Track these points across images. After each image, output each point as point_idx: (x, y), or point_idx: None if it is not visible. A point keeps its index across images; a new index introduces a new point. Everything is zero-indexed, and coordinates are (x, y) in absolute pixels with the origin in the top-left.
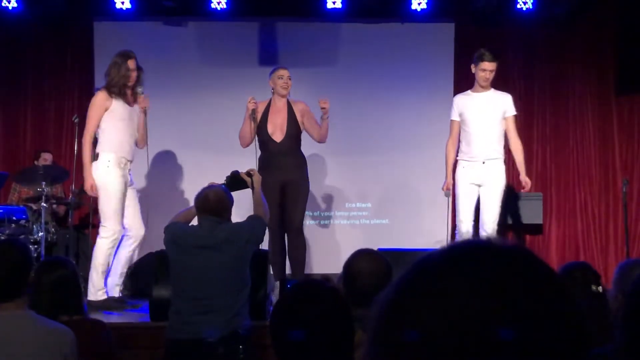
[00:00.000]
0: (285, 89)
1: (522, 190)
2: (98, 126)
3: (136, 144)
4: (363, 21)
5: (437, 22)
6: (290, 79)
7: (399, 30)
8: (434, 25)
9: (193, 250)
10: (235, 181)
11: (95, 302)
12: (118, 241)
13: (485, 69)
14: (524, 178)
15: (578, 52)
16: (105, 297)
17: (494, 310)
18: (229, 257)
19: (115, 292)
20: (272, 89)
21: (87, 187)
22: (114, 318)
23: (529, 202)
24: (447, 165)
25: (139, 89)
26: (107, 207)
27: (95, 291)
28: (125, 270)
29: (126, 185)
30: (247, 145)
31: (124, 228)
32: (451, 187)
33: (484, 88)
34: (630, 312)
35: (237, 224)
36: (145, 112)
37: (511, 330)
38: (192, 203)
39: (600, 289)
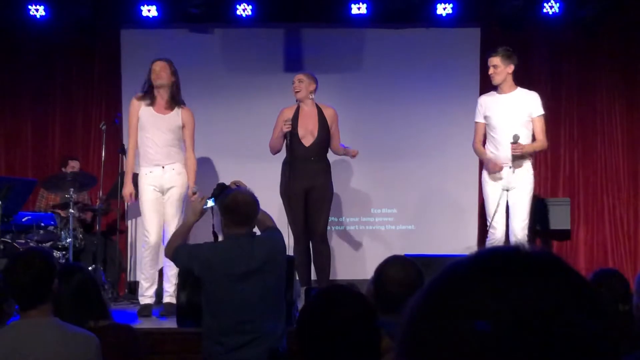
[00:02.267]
0: (296, 92)
1: (512, 147)
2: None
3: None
4: (388, 27)
5: (463, 27)
6: (302, 82)
7: (424, 36)
8: (460, 30)
9: (236, 277)
10: (224, 193)
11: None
12: (154, 249)
13: (489, 65)
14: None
15: (605, 55)
16: (144, 303)
17: (523, 318)
18: (273, 277)
19: (152, 300)
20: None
21: (124, 193)
22: (144, 323)
23: (557, 207)
24: (482, 154)
25: (194, 188)
26: (142, 216)
27: (139, 296)
28: (169, 273)
29: (158, 193)
30: (277, 153)
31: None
32: (496, 163)
33: (503, 88)
34: None
35: (268, 239)
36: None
37: (541, 339)
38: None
39: (627, 307)
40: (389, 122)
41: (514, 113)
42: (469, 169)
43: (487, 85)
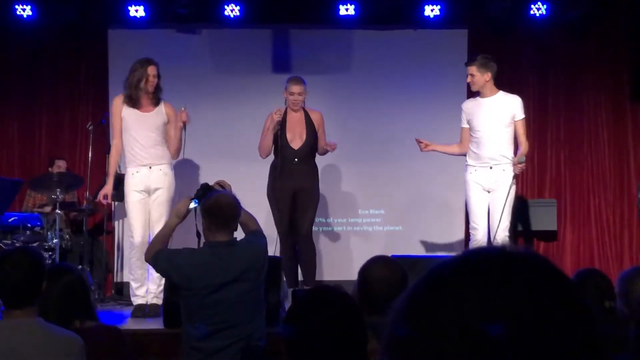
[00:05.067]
0: (295, 105)
1: (514, 170)
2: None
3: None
4: (376, 28)
5: (450, 29)
6: (301, 94)
7: (412, 37)
8: (447, 32)
9: (213, 287)
10: (208, 194)
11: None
12: (140, 250)
13: (467, 73)
14: (516, 160)
15: (592, 57)
16: (137, 303)
17: (510, 320)
18: (251, 283)
19: (145, 300)
20: (286, 99)
21: (100, 192)
22: (130, 324)
23: (543, 208)
24: (444, 147)
25: (182, 107)
26: (127, 217)
27: (131, 296)
28: (154, 275)
29: (144, 195)
30: (267, 156)
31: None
32: (425, 144)
33: (485, 93)
34: None
35: (248, 246)
36: (184, 126)
37: (525, 340)
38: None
39: (612, 303)
40: (377, 123)
41: (496, 115)
42: (456, 170)
43: None
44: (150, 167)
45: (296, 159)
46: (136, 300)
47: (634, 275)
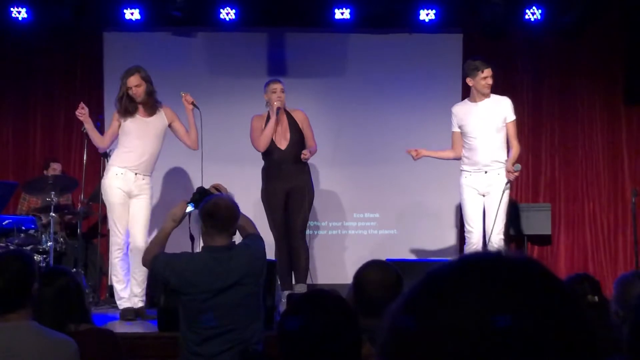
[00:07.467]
0: (280, 100)
1: (507, 177)
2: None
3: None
4: (371, 32)
5: (445, 33)
6: (283, 92)
7: (407, 41)
8: (442, 36)
9: (213, 292)
10: (204, 198)
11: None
12: (122, 250)
13: (487, 75)
14: (510, 167)
15: (586, 62)
16: (124, 306)
17: (504, 323)
18: (250, 287)
19: (132, 302)
20: (267, 102)
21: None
22: (125, 328)
23: (538, 212)
24: (436, 153)
25: (182, 93)
26: (108, 217)
27: (117, 299)
28: (138, 279)
29: (126, 197)
30: (266, 148)
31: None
32: (415, 152)
33: (485, 95)
34: (636, 326)
35: (247, 250)
36: (195, 106)
37: (522, 343)
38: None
39: (596, 298)
40: (372, 127)
41: (489, 120)
42: (451, 174)
43: (468, 91)
44: (136, 174)
45: (285, 160)
46: (122, 304)
47: (631, 279)
